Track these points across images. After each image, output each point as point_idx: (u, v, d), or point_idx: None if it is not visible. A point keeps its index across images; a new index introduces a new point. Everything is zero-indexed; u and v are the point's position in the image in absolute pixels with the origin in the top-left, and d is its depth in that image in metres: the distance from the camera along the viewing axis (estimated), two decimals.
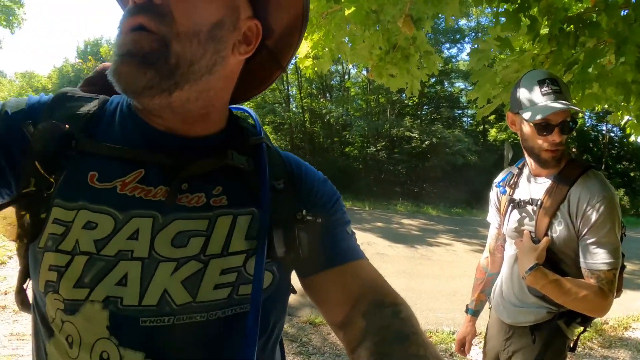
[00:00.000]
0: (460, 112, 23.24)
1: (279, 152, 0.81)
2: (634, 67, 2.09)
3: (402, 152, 20.04)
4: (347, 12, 3.17)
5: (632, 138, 4.99)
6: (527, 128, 1.55)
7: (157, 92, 0.62)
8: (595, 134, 20.35)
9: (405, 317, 0.67)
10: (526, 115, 1.50)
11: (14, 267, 5.09)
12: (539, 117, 1.45)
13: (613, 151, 21.24)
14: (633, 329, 4.60)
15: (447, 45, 23.31)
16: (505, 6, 2.19)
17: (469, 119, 22.89)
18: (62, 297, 0.59)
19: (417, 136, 19.89)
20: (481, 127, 21.19)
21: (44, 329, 0.63)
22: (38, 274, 0.60)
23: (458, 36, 22.80)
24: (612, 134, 21.09)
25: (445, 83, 22.35)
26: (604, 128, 20.87)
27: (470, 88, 20.79)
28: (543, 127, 1.48)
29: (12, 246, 5.75)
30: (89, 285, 0.58)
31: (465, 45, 23.56)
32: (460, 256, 8.06)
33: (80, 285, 0.58)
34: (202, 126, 0.70)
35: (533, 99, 1.50)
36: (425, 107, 22.70)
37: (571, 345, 1.66)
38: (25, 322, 3.61)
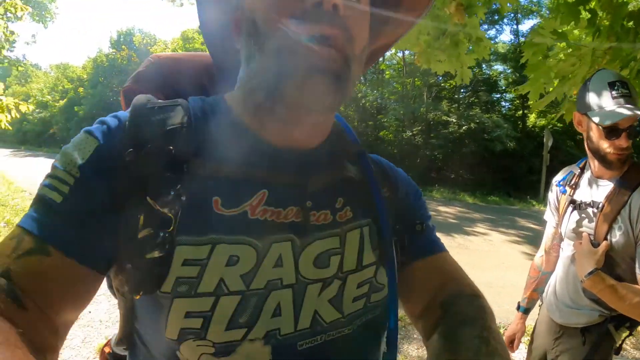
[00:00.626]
0: (498, 96, 22.54)
1: (372, 157, 0.81)
2: None
3: (439, 137, 19.58)
4: None
5: None
6: (594, 130, 1.54)
7: (332, 111, 0.62)
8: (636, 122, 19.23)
9: (478, 306, 0.69)
10: (595, 118, 1.50)
11: None
12: (608, 122, 1.44)
13: None
14: None
15: (485, 26, 22.51)
16: None
17: (507, 104, 22.18)
18: (211, 342, 0.54)
19: (454, 121, 19.38)
20: (520, 112, 20.48)
21: None
22: (165, 322, 0.54)
23: (496, 17, 22.00)
24: None
25: (484, 66, 21.68)
26: None
27: (510, 71, 19.89)
28: (611, 131, 1.47)
29: None
30: (245, 325, 0.55)
31: (504, 26, 22.76)
32: (497, 246, 7.94)
33: (234, 326, 0.55)
34: (318, 137, 0.68)
35: (602, 102, 1.49)
36: (462, 90, 22.09)
37: (617, 347, 1.67)
38: None
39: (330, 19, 0.55)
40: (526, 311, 2.03)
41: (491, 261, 6.75)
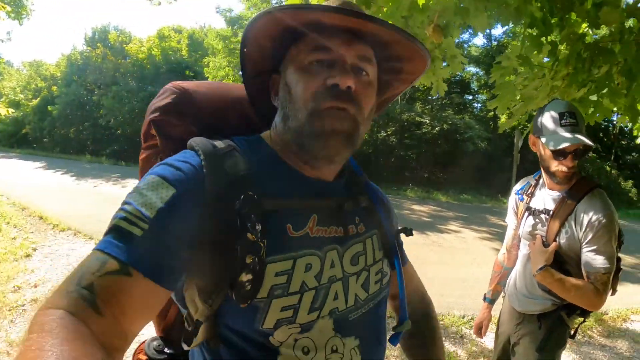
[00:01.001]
0: (470, 97, 22.97)
1: (370, 184, 1.05)
2: None
3: (413, 137, 19.91)
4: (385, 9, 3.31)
5: (639, 140, 5.35)
6: (545, 152, 1.82)
7: (345, 160, 0.88)
8: (606, 124, 19.80)
9: (427, 301, 1.17)
10: (545, 141, 1.77)
11: (39, 259, 5.37)
12: (555, 146, 1.71)
13: (623, 142, 20.57)
14: (632, 320, 4.79)
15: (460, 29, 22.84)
16: (528, 31, 2.41)
17: (479, 105, 22.64)
18: (298, 324, 0.75)
19: (428, 122, 19.75)
20: (492, 114, 20.86)
21: (262, 354, 0.73)
22: (263, 317, 0.72)
23: None
24: (623, 125, 20.43)
25: None
26: (615, 118, 20.26)
27: (482, 73, 20.05)
28: (559, 153, 1.74)
29: (36, 238, 5.99)
30: (318, 308, 0.77)
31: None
32: (470, 243, 8.22)
33: (312, 310, 0.76)
34: (337, 172, 0.92)
35: (553, 129, 1.76)
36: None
37: (571, 333, 1.95)
38: None
39: (345, 95, 0.76)
40: (491, 302, 2.30)
41: (464, 258, 7.00)
